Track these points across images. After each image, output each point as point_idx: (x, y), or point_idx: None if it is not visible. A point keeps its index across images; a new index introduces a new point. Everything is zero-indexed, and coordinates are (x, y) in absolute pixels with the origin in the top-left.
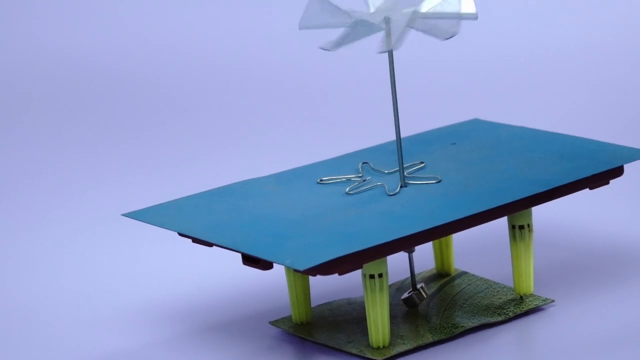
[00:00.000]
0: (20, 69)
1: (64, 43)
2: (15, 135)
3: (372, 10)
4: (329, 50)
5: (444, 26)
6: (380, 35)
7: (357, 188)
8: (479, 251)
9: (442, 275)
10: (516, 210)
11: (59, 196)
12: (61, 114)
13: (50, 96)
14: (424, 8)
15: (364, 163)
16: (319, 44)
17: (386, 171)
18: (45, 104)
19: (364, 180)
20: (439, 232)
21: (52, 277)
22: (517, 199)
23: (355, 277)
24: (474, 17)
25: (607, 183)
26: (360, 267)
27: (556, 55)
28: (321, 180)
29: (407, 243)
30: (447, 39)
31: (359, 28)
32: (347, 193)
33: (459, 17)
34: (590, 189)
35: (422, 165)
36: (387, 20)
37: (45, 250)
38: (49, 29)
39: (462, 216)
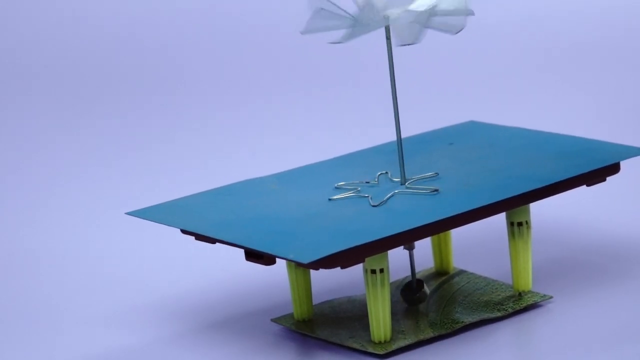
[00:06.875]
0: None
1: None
2: (16, 135)
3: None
4: (340, 42)
5: (452, 22)
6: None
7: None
8: (478, 248)
9: (441, 273)
10: (514, 207)
11: (63, 195)
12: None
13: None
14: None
15: (381, 173)
16: (328, 40)
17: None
18: (45, 104)
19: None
20: (439, 227)
21: (56, 275)
22: (514, 194)
23: (355, 275)
24: (470, 12)
25: (604, 180)
26: (362, 261)
27: (553, 56)
28: (330, 199)
29: (407, 238)
30: (456, 33)
31: (362, 25)
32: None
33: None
34: (587, 185)
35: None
36: (386, 18)
37: (48, 248)
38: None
39: (461, 211)
